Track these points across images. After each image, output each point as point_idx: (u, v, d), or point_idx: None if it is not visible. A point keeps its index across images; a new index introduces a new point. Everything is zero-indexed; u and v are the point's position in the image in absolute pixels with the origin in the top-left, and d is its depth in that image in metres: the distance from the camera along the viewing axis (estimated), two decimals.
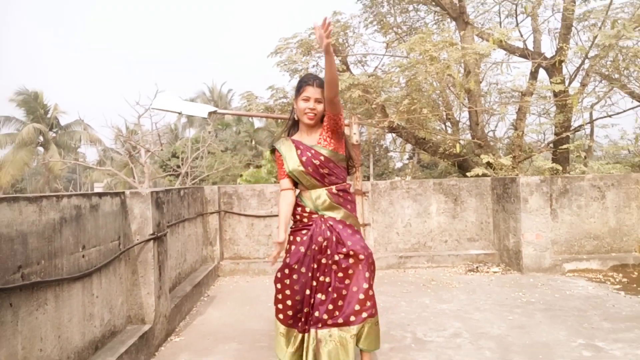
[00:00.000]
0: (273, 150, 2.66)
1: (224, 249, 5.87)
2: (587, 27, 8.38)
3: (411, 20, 10.41)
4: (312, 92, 2.48)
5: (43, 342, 2.13)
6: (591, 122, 8.60)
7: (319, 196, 2.50)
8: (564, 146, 7.99)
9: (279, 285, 2.52)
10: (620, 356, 2.88)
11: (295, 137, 2.59)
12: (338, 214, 2.50)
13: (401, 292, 4.61)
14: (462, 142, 9.00)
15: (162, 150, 12.98)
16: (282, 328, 2.53)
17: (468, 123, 9.23)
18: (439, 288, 4.73)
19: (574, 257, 5.38)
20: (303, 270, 2.46)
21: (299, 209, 2.56)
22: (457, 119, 9.64)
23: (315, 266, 2.46)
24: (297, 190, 2.64)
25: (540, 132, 8.98)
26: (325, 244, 2.45)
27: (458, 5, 8.48)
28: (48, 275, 2.20)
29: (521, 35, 8.81)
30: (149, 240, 3.24)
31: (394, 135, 10.31)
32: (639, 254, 5.43)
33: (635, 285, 4.68)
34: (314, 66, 9.37)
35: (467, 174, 7.33)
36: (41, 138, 25.95)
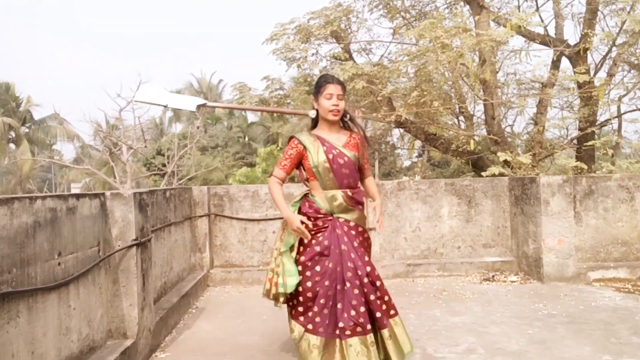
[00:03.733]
0: (290, 138, 2.92)
1: (214, 256, 5.87)
2: (614, 12, 8.39)
3: (420, 3, 10.40)
4: (333, 89, 2.80)
5: (15, 358, 2.13)
6: (619, 116, 8.62)
7: (335, 198, 2.80)
8: (589, 143, 8.00)
9: (294, 300, 2.82)
10: None
11: (319, 133, 2.88)
12: (352, 216, 2.83)
13: (409, 303, 4.61)
14: (476, 138, 9.01)
15: (145, 147, 13.01)
16: (313, 339, 2.70)
17: (483, 117, 9.24)
18: (451, 299, 4.73)
19: (600, 265, 5.39)
20: (318, 269, 2.74)
21: (312, 210, 2.81)
22: (471, 112, 9.65)
23: (338, 269, 2.72)
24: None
25: (563, 127, 9.00)
26: (345, 248, 2.74)
27: None
28: (20, 285, 2.20)
29: (542, 21, 8.81)
30: (131, 246, 3.24)
31: (401, 130, 10.31)
32: None
33: None
34: (313, 54, 9.38)
35: (482, 173, 7.34)
36: (12, 134, 25.97)
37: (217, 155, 19.93)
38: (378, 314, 2.71)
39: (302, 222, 2.75)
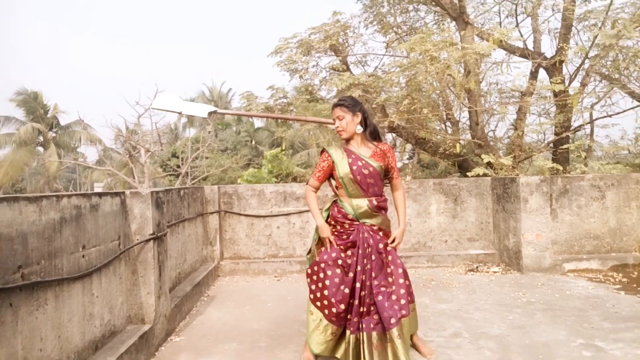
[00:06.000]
0: (322, 151, 3.00)
1: (224, 249, 5.87)
2: (587, 27, 8.38)
3: (411, 20, 10.40)
4: (333, 114, 2.91)
5: (43, 342, 2.13)
6: (591, 122, 8.60)
7: (360, 205, 2.83)
8: (564, 146, 7.99)
9: (313, 287, 2.84)
10: (621, 356, 2.89)
11: (348, 145, 2.93)
12: (376, 221, 2.86)
13: None
14: (462, 142, 9.00)
15: (162, 150, 12.99)
16: (325, 322, 2.75)
17: (468, 123, 9.23)
18: (439, 288, 4.73)
19: (574, 257, 5.38)
20: (338, 271, 2.76)
21: (340, 215, 2.85)
22: (457, 118, 9.64)
23: (359, 268, 2.75)
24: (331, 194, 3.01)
25: (541, 132, 8.98)
26: (369, 250, 2.78)
27: (458, 5, 8.48)
28: (48, 275, 2.20)
29: (521, 35, 8.81)
30: (149, 240, 3.24)
31: (394, 135, 10.29)
32: (639, 254, 5.43)
33: (635, 285, 4.68)
34: (313, 66, 9.37)
35: (467, 173, 7.32)
36: (40, 138, 25.95)
37: (229, 157, 19.94)
38: (386, 314, 2.66)
39: (325, 231, 2.84)
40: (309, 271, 2.88)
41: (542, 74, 8.87)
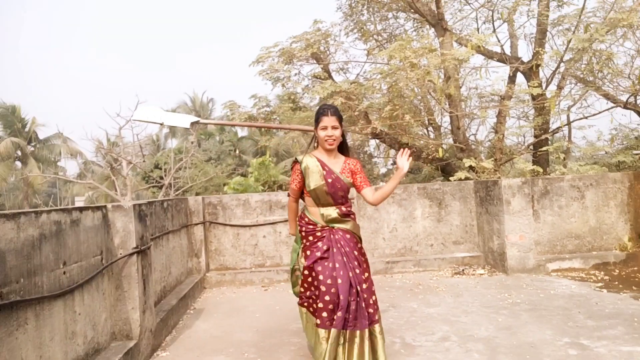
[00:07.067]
0: (293, 162, 2.98)
1: (209, 260, 5.80)
2: (561, 32, 8.60)
3: (391, 27, 10.54)
4: (327, 121, 2.82)
5: None
6: (568, 124, 8.80)
7: (329, 213, 2.86)
8: (544, 148, 8.15)
9: (308, 293, 2.86)
10: (605, 353, 2.93)
11: (318, 155, 2.90)
12: (346, 225, 2.88)
13: (389, 297, 4.61)
14: (444, 146, 9.11)
15: (144, 161, 12.82)
16: (322, 332, 2.66)
17: (450, 128, 9.35)
18: (426, 292, 4.75)
19: (556, 257, 5.47)
20: (319, 268, 2.76)
21: (310, 226, 2.88)
22: (439, 123, 9.76)
23: (338, 265, 2.75)
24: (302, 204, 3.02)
25: (520, 135, 9.15)
26: (345, 249, 2.80)
27: (436, 12, 8.62)
28: (28, 294, 2.14)
29: (499, 41, 8.99)
30: (132, 254, 3.18)
31: (377, 141, 10.37)
32: (620, 252, 5.54)
33: (616, 282, 4.78)
34: (295, 74, 9.41)
35: (451, 177, 7.40)
36: (19, 152, 25.39)
37: (213, 167, 19.83)
38: (370, 310, 2.70)
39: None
40: (303, 271, 2.87)
41: (520, 78, 9.07)
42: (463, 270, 5.60)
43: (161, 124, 4.72)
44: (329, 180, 2.83)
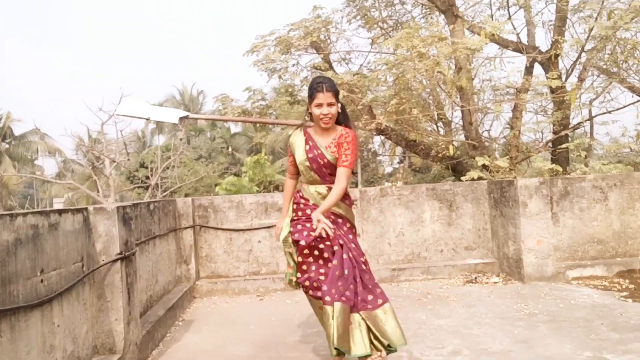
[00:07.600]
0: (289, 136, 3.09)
1: (200, 268, 5.80)
2: (582, 19, 8.60)
3: (397, 14, 10.55)
4: (322, 98, 2.79)
5: None
6: (590, 119, 8.79)
7: (319, 192, 2.90)
8: (563, 145, 8.16)
9: (306, 275, 2.95)
10: None
11: (310, 131, 2.96)
12: (339, 210, 2.89)
13: (395, 307, 4.55)
14: (455, 143, 9.12)
15: (128, 160, 12.83)
16: (328, 310, 2.73)
17: (461, 123, 9.36)
18: (436, 302, 4.75)
19: (577, 264, 5.47)
20: (316, 252, 2.88)
21: (303, 201, 2.96)
22: (450, 119, 9.76)
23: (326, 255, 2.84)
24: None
25: (538, 131, 9.15)
26: (339, 232, 2.83)
27: None
28: (2, 304, 2.14)
29: (514, 28, 9.00)
30: (115, 260, 3.19)
31: (382, 138, 10.38)
32: None
33: None
34: (293, 65, 9.41)
35: (462, 177, 7.41)
36: None
37: (204, 165, 19.84)
38: (378, 290, 2.91)
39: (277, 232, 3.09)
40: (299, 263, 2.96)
41: (538, 69, 9.07)
42: (476, 278, 5.60)
43: (147, 119, 4.73)
44: (310, 155, 2.88)
